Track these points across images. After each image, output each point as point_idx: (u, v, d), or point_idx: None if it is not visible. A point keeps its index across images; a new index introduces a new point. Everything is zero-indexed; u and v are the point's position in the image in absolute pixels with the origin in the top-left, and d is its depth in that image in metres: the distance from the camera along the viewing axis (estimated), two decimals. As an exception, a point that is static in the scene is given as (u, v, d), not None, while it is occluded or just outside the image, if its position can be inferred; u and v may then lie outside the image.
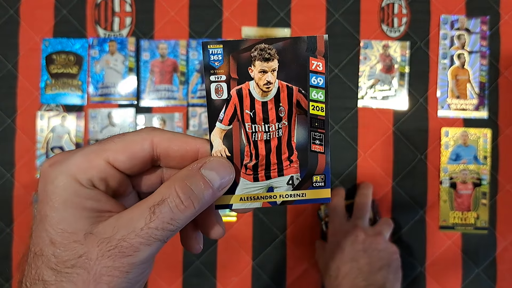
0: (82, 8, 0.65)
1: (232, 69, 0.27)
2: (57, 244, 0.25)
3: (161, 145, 0.27)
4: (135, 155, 0.27)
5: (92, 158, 0.26)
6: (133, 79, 0.65)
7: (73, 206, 0.25)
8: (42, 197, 0.26)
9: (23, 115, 0.65)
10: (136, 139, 0.27)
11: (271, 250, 0.64)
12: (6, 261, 0.64)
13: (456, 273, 0.63)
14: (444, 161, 0.63)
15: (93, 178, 0.26)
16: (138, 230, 0.25)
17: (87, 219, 0.25)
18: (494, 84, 0.64)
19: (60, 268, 0.25)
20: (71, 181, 0.26)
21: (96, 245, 0.25)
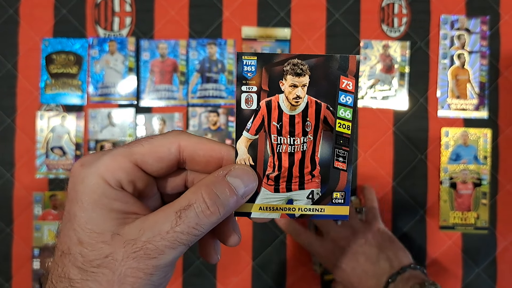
0: (82, 7, 0.65)
1: (264, 81, 0.28)
2: (85, 243, 0.25)
3: (188, 149, 0.28)
4: (162, 158, 0.28)
5: (121, 160, 0.27)
6: (133, 79, 0.65)
7: (102, 207, 0.26)
8: (71, 196, 0.26)
9: (23, 115, 0.65)
10: (164, 143, 0.28)
11: (271, 250, 0.64)
12: (6, 261, 0.64)
13: (456, 272, 0.63)
14: (444, 161, 0.63)
15: (121, 180, 0.27)
16: (164, 233, 0.25)
17: (114, 220, 0.26)
18: (494, 84, 0.64)
19: (86, 267, 0.25)
20: (100, 182, 0.26)
21: (122, 246, 0.25)
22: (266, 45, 0.64)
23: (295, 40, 0.64)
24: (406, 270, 0.52)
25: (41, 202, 0.64)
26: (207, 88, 0.64)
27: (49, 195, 0.64)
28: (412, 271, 0.52)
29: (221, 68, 0.64)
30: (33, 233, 0.63)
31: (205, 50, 0.64)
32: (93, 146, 0.64)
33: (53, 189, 0.64)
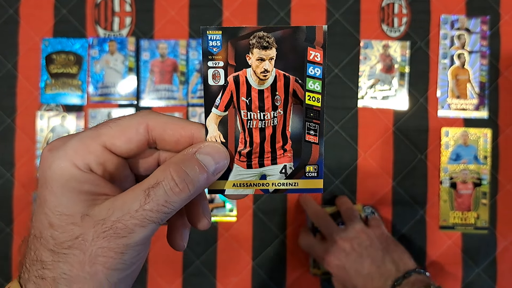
0: (82, 7, 0.65)
1: (230, 56, 0.27)
2: (55, 226, 0.26)
3: (156, 129, 0.28)
4: (130, 139, 0.27)
5: (88, 143, 0.27)
6: (133, 79, 0.65)
7: (71, 190, 0.26)
8: (41, 182, 0.27)
9: (23, 115, 0.65)
10: (132, 124, 0.27)
11: (271, 250, 0.64)
12: (6, 260, 0.64)
13: (456, 272, 0.63)
14: (444, 161, 0.63)
15: (90, 162, 0.27)
16: (133, 212, 0.25)
17: (83, 202, 0.26)
18: (494, 84, 0.64)
19: (57, 249, 0.25)
20: (68, 165, 0.26)
21: (91, 226, 0.25)
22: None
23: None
24: (412, 274, 0.52)
25: (41, 202, 0.64)
26: (207, 88, 0.64)
27: (49, 195, 0.64)
28: (417, 275, 0.52)
29: (221, 68, 0.64)
30: (33, 233, 0.63)
31: (205, 50, 0.64)
32: (93, 146, 0.64)
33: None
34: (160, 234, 0.63)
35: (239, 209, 0.64)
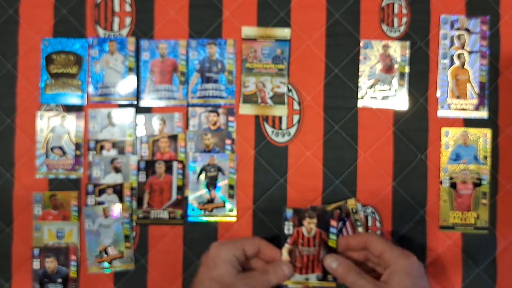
0: (82, 7, 0.65)
1: (295, 221, 0.57)
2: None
3: (255, 250, 0.55)
4: (252, 251, 0.55)
5: (238, 247, 0.53)
6: (133, 79, 0.65)
7: (229, 270, 0.52)
8: (210, 263, 0.53)
9: (22, 115, 0.65)
10: (253, 242, 0.55)
11: (271, 250, 0.64)
12: (6, 261, 0.64)
13: (456, 272, 0.64)
14: (444, 161, 0.64)
15: (238, 256, 0.53)
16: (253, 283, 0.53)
17: (234, 274, 0.52)
18: (494, 84, 0.64)
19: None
20: (230, 253, 0.53)
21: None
22: (266, 45, 0.64)
23: (295, 40, 0.65)
24: None
25: (41, 202, 0.64)
26: (207, 88, 0.65)
27: (49, 195, 0.64)
28: None
29: (221, 68, 0.64)
30: (33, 233, 0.63)
31: (205, 50, 0.65)
32: (93, 146, 0.64)
33: (53, 189, 0.64)
34: (160, 234, 0.64)
35: (239, 209, 0.64)
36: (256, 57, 0.63)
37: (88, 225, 0.63)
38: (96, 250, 0.63)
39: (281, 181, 0.64)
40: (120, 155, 0.64)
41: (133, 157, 0.64)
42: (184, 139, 0.64)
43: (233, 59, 0.65)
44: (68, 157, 0.64)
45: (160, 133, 0.64)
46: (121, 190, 0.63)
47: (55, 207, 0.64)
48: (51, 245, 0.63)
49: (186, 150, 0.64)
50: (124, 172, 0.64)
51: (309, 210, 0.56)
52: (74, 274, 0.63)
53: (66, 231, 0.63)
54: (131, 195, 0.64)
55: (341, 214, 0.61)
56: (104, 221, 0.63)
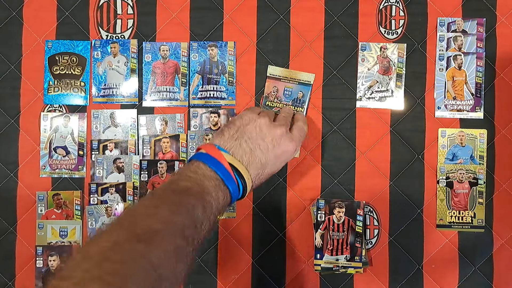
0: (85, 10, 0.66)
1: (326, 210, 0.64)
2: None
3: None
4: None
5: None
6: (135, 80, 0.65)
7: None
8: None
9: (26, 116, 0.66)
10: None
11: (271, 248, 0.65)
12: (10, 259, 0.65)
13: (453, 271, 0.64)
14: (441, 161, 0.64)
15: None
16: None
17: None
18: (490, 85, 0.65)
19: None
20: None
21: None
22: (289, 86, 0.65)
23: (295, 41, 0.65)
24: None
25: (44, 201, 0.65)
26: (208, 90, 0.65)
27: (52, 195, 0.65)
28: None
29: (221, 69, 0.65)
30: (37, 232, 0.64)
31: (206, 52, 0.65)
32: (96, 146, 0.65)
33: (56, 188, 0.65)
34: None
35: (240, 208, 0.65)
36: (277, 97, 0.65)
37: (91, 224, 0.64)
38: (98, 249, 0.64)
39: (280, 180, 0.65)
40: (123, 155, 0.65)
41: (136, 157, 0.65)
42: (186, 139, 0.65)
43: (234, 60, 0.65)
44: (71, 157, 0.65)
45: (162, 134, 0.65)
46: (124, 189, 0.64)
47: (59, 206, 0.65)
48: (54, 244, 0.64)
49: (187, 150, 0.65)
50: (127, 172, 0.65)
51: (339, 201, 0.63)
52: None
53: (69, 230, 0.64)
54: (133, 194, 0.64)
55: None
56: (106, 220, 0.64)
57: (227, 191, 0.48)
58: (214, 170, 0.48)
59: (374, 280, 0.64)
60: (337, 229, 0.63)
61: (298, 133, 0.56)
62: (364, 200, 0.64)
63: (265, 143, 0.52)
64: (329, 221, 0.63)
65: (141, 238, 0.37)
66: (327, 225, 0.63)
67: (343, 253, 0.63)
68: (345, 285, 0.64)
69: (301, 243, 0.65)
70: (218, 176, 0.48)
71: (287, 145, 0.53)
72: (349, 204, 0.63)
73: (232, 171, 0.49)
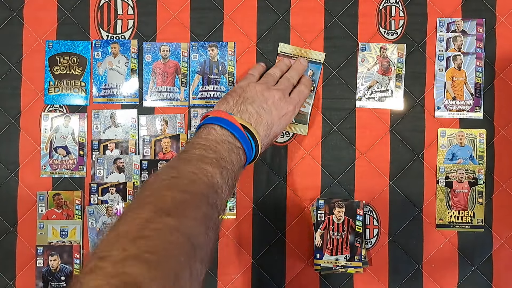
0: (85, 10, 0.66)
1: (326, 210, 0.64)
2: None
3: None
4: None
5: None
6: (135, 80, 0.66)
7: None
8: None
9: (27, 116, 0.66)
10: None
11: (271, 248, 0.65)
12: (11, 259, 0.65)
13: (452, 271, 0.64)
14: (440, 161, 0.65)
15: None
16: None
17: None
18: (490, 85, 0.65)
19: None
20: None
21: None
22: None
23: (295, 41, 0.66)
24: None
25: (45, 201, 0.65)
26: (208, 90, 0.66)
27: (53, 194, 0.65)
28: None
29: (222, 70, 0.66)
30: (37, 231, 0.64)
31: (206, 52, 0.66)
32: (96, 146, 0.65)
33: (57, 188, 0.65)
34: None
35: (240, 208, 0.65)
36: None
37: (91, 223, 0.64)
38: (99, 248, 0.64)
39: (281, 180, 0.65)
40: (123, 155, 0.65)
41: (136, 157, 0.65)
42: (186, 140, 0.65)
43: (234, 61, 0.66)
44: (71, 157, 0.65)
45: (162, 134, 0.65)
46: (124, 189, 0.65)
47: (59, 206, 0.65)
48: (54, 244, 0.64)
49: (187, 150, 0.65)
50: (127, 172, 0.65)
51: (339, 201, 0.63)
52: (78, 272, 0.64)
53: (69, 229, 0.65)
54: (134, 194, 0.65)
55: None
56: (107, 220, 0.64)
57: (240, 152, 0.50)
58: (229, 130, 0.49)
59: (373, 279, 0.65)
60: (337, 229, 0.63)
61: (297, 96, 0.59)
62: (364, 200, 0.64)
63: (267, 105, 0.55)
64: (329, 221, 0.63)
65: (170, 211, 0.37)
66: (327, 225, 0.63)
67: (343, 252, 0.63)
68: (345, 284, 0.65)
69: (301, 243, 0.65)
70: (231, 138, 0.49)
71: (286, 108, 0.56)
72: (349, 204, 0.63)
73: (244, 131, 0.50)
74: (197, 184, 0.43)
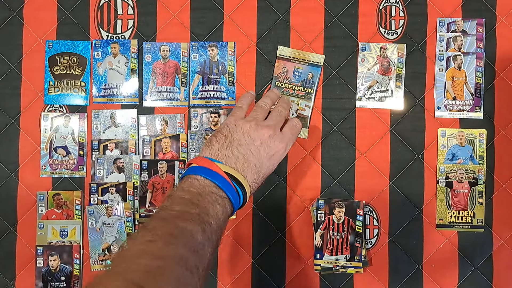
0: (85, 10, 0.66)
1: (326, 210, 0.64)
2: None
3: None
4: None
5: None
6: (135, 80, 0.66)
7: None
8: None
9: (26, 116, 0.66)
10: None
11: (271, 248, 0.65)
12: (10, 259, 0.65)
13: (452, 271, 0.64)
14: (440, 161, 0.65)
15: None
16: None
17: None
18: (490, 85, 0.65)
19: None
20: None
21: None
22: (299, 67, 0.65)
23: (295, 41, 0.66)
24: None
25: (44, 201, 0.65)
26: (208, 90, 0.66)
27: (53, 194, 0.65)
28: None
29: (222, 70, 0.66)
30: (37, 231, 0.64)
31: (206, 52, 0.66)
32: (96, 146, 0.65)
33: (57, 188, 0.65)
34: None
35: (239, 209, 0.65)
36: (287, 78, 0.65)
37: (91, 223, 0.64)
38: (99, 248, 0.64)
39: (281, 180, 0.65)
40: (123, 155, 0.65)
41: (136, 157, 0.65)
42: (186, 140, 0.65)
43: (234, 61, 0.66)
44: (71, 157, 0.65)
45: (162, 134, 0.65)
46: (124, 189, 0.65)
47: (59, 206, 0.65)
48: (54, 244, 0.64)
49: (187, 150, 0.65)
50: (127, 172, 0.65)
51: (339, 201, 0.63)
52: (77, 272, 0.64)
53: (69, 229, 0.64)
54: (133, 194, 0.65)
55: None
56: (107, 220, 0.64)
57: (226, 202, 0.47)
58: (211, 180, 0.46)
59: (374, 280, 0.65)
60: (337, 229, 0.63)
61: (289, 131, 0.55)
62: (364, 200, 0.64)
63: (255, 147, 0.51)
64: (329, 221, 0.63)
65: (142, 283, 0.35)
66: (327, 225, 0.63)
67: (343, 253, 0.63)
68: (345, 285, 0.65)
69: (301, 243, 0.65)
70: (215, 189, 0.46)
71: (276, 146, 0.52)
72: (349, 204, 0.63)
73: (230, 179, 0.47)
74: (174, 246, 0.39)
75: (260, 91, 0.66)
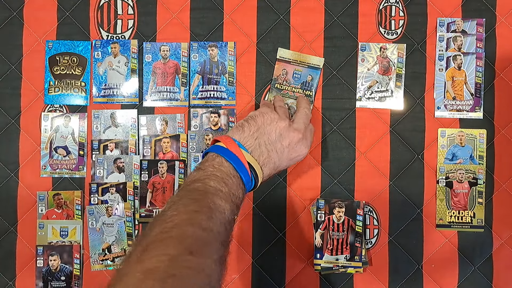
0: (85, 10, 0.66)
1: (326, 210, 0.64)
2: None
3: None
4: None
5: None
6: (135, 80, 0.66)
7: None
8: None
9: (27, 116, 0.66)
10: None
11: (271, 248, 0.65)
12: (11, 259, 0.65)
13: (452, 271, 0.64)
14: (440, 161, 0.65)
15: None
16: None
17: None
18: (490, 85, 0.65)
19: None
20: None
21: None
22: (298, 70, 0.65)
23: (295, 41, 0.66)
24: None
25: (45, 201, 0.65)
26: (208, 90, 0.66)
27: (53, 194, 0.65)
28: None
29: (222, 70, 0.66)
30: (37, 231, 0.64)
31: (206, 52, 0.66)
32: (96, 146, 0.65)
33: (57, 188, 0.65)
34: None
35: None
36: (286, 80, 0.65)
37: (91, 223, 0.64)
38: (99, 248, 0.64)
39: (280, 180, 0.65)
40: (123, 155, 0.65)
41: (136, 157, 0.65)
42: (186, 139, 0.65)
43: (234, 61, 0.66)
44: (71, 157, 0.65)
45: (162, 134, 0.65)
46: (124, 189, 0.65)
47: (59, 206, 0.65)
48: (54, 244, 0.64)
49: (187, 150, 0.65)
50: (127, 172, 0.65)
51: (339, 201, 0.63)
52: (78, 272, 0.64)
53: (69, 229, 0.65)
54: (133, 194, 0.65)
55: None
56: (107, 220, 0.64)
57: (243, 189, 0.50)
58: (236, 170, 0.49)
59: (374, 279, 0.65)
60: (337, 229, 0.63)
61: (310, 136, 0.57)
62: (364, 200, 0.64)
63: (282, 146, 0.53)
64: (329, 221, 0.63)
65: (193, 250, 0.38)
66: (327, 225, 0.63)
67: (343, 252, 0.63)
68: (345, 284, 0.65)
69: (301, 243, 0.65)
70: (239, 175, 0.49)
71: (301, 150, 0.55)
72: (349, 204, 0.64)
73: (250, 169, 0.50)
74: (214, 221, 0.42)
75: (260, 91, 0.66)
